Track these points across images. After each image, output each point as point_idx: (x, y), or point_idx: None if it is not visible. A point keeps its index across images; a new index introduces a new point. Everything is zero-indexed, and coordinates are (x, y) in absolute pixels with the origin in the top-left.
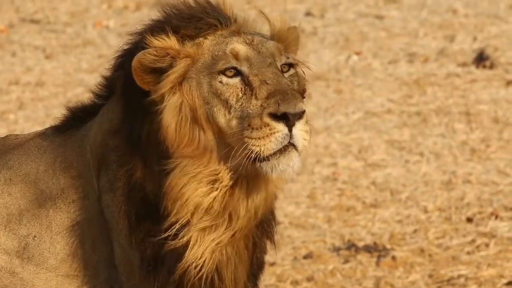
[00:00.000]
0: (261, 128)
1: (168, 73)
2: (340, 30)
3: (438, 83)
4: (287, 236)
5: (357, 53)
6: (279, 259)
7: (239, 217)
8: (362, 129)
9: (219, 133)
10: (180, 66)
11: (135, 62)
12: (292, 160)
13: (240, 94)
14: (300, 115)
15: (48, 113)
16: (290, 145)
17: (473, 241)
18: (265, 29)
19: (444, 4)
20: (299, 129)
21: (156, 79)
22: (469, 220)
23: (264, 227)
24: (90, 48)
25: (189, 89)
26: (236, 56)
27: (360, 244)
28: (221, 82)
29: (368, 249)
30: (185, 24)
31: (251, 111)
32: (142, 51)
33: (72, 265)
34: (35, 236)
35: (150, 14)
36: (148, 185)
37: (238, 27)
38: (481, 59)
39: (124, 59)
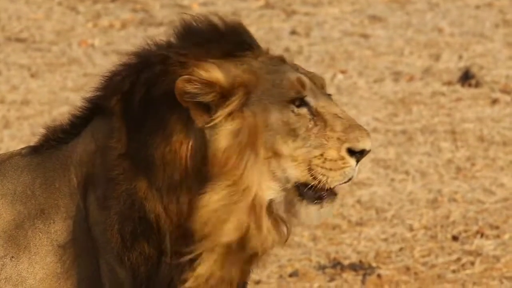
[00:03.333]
0: (335, 160)
1: (225, 108)
2: (326, 48)
3: (423, 101)
4: (273, 254)
5: (343, 72)
6: (264, 277)
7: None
8: None
9: (270, 159)
10: (238, 96)
11: (179, 88)
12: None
13: (310, 125)
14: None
15: (33, 131)
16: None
17: (458, 259)
18: None
19: (430, 23)
20: (358, 164)
21: (204, 107)
22: (455, 238)
23: None
24: (76, 66)
25: (253, 115)
26: (303, 86)
27: (346, 262)
28: (293, 111)
29: (353, 267)
30: (230, 47)
31: (326, 143)
32: (184, 78)
33: (51, 284)
34: (12, 257)
35: (136, 32)
36: (150, 205)
37: (280, 55)
38: (466, 77)
39: (135, 79)
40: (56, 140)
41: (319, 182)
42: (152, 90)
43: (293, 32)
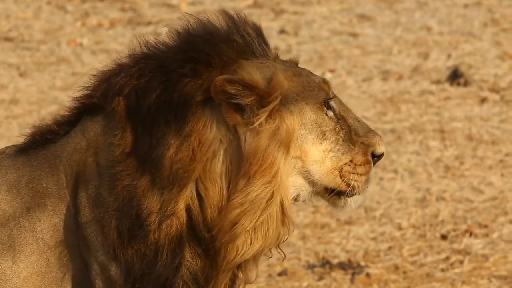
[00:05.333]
0: (363, 165)
1: (266, 110)
2: (314, 47)
3: (412, 100)
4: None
5: (331, 71)
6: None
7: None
8: None
9: (297, 159)
10: (277, 97)
11: (217, 86)
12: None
13: (337, 129)
14: None
15: (22, 131)
16: None
17: (447, 258)
18: None
19: (418, 21)
20: None
21: (236, 106)
22: (444, 237)
23: None
24: (64, 65)
25: (290, 115)
26: (329, 88)
27: (335, 261)
28: (326, 114)
29: (342, 266)
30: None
31: (353, 147)
32: (225, 77)
33: (36, 283)
34: None
35: (124, 31)
36: (148, 203)
37: (292, 59)
38: (455, 76)
39: (142, 82)
40: (43, 141)
41: (352, 188)
42: (169, 92)
43: (282, 31)
